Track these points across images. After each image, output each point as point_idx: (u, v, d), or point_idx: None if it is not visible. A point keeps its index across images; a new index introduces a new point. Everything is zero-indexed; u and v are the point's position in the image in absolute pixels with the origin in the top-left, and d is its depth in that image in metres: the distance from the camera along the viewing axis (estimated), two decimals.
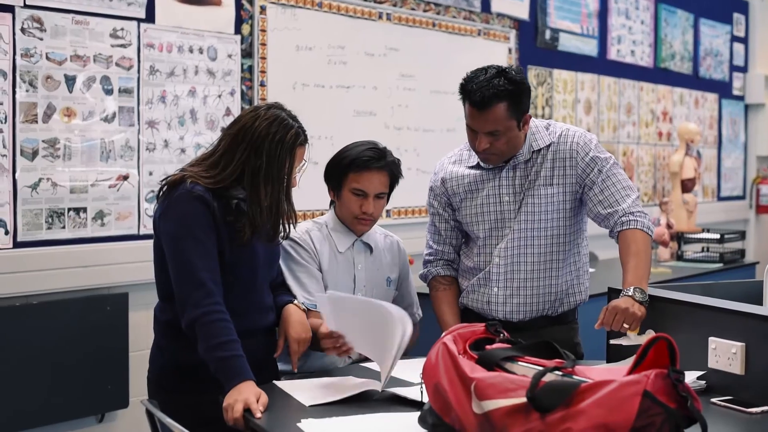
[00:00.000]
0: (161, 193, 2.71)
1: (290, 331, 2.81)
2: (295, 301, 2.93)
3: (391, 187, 3.11)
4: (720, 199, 8.74)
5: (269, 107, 2.74)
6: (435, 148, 5.22)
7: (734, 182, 9.03)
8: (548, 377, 1.95)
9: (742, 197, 9.13)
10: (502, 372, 2.05)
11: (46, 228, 3.71)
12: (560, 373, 1.98)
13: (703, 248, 6.46)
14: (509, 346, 2.19)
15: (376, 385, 2.59)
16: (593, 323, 2.72)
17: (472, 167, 3.09)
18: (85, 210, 3.84)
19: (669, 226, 6.21)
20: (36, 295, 3.69)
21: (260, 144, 2.64)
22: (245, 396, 2.41)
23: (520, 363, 2.07)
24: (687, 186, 7.31)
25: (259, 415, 2.37)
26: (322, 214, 3.30)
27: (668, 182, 7.75)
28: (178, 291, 2.60)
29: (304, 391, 2.63)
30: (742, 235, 6.70)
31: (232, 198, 2.67)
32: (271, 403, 2.44)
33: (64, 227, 3.77)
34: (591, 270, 3.87)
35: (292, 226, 2.83)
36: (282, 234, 2.79)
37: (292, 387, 2.68)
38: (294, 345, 2.80)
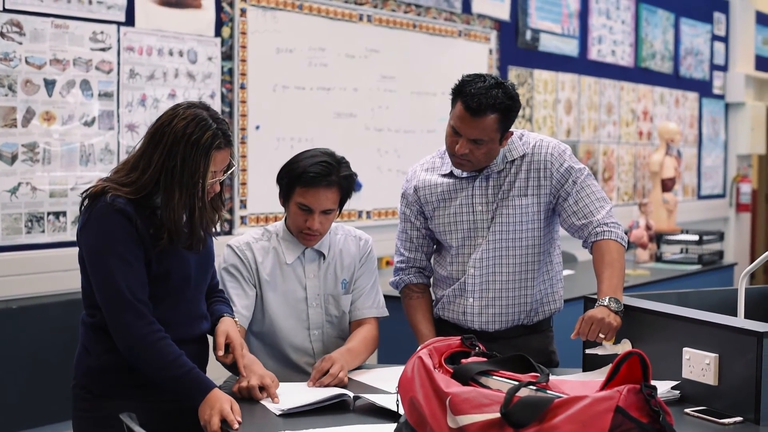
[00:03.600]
0: (82, 206, 2.53)
1: (232, 334, 2.69)
2: (233, 317, 2.79)
3: (343, 201, 2.98)
4: (700, 197, 8.80)
5: (190, 106, 2.54)
6: (416, 150, 5.24)
7: (714, 181, 9.09)
8: (522, 392, 1.97)
9: (722, 196, 9.19)
10: (477, 386, 2.07)
11: (26, 232, 3.72)
12: (534, 387, 2.00)
13: (681, 249, 6.49)
14: (484, 359, 2.21)
15: (350, 391, 2.59)
16: (569, 330, 2.74)
17: (445, 175, 3.08)
18: (64, 214, 3.84)
19: (648, 228, 6.24)
20: (16, 299, 3.69)
21: (175, 145, 2.45)
22: (219, 407, 2.39)
23: (495, 377, 2.09)
24: (667, 185, 7.35)
25: (236, 426, 2.35)
26: None
27: (648, 181, 7.79)
28: (107, 312, 2.49)
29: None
30: (720, 236, 6.74)
31: (156, 208, 2.51)
32: (244, 414, 2.43)
33: (43, 231, 3.77)
34: (570, 272, 3.90)
35: (214, 231, 2.66)
36: (202, 243, 2.60)
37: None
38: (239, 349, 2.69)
